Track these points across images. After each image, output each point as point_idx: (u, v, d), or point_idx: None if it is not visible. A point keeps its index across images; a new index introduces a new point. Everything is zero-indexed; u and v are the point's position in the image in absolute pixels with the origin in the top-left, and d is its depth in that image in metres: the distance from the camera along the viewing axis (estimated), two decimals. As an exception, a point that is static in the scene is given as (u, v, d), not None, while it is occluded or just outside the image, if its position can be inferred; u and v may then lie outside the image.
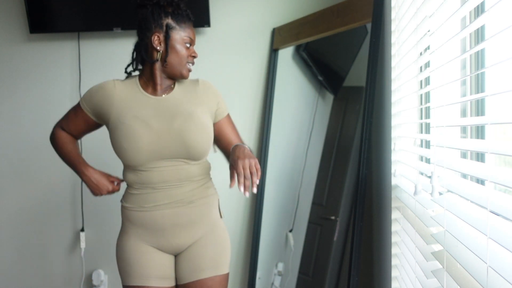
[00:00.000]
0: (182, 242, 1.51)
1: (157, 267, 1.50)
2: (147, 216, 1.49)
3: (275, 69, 2.46)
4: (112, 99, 1.49)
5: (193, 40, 1.51)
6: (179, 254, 1.53)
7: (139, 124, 1.44)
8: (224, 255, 1.56)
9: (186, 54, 1.49)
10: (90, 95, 1.54)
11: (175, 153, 1.46)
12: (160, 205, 1.48)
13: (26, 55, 2.55)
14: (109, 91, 1.50)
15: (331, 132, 2.19)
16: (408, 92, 1.51)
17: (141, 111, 1.47)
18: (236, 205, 2.55)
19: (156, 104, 1.49)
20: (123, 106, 1.48)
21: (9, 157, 2.59)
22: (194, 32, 1.52)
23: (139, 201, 1.49)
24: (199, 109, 1.51)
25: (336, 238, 2.01)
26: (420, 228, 1.27)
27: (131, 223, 1.52)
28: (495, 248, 0.82)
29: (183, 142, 1.45)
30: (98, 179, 1.59)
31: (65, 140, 1.63)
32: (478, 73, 1.14)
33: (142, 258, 1.50)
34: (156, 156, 1.45)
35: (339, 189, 2.07)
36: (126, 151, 1.44)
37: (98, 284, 2.55)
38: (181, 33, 1.48)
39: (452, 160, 1.08)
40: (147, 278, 1.49)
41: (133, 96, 1.50)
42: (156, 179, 1.47)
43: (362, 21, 1.89)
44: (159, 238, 1.50)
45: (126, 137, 1.43)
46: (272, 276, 2.39)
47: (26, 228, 2.61)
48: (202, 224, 1.53)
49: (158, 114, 1.47)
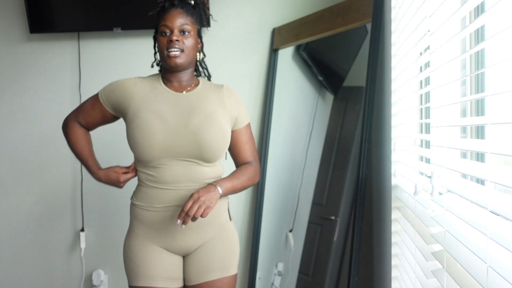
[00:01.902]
0: (191, 243, 1.50)
1: (165, 267, 1.49)
2: (157, 216, 1.48)
3: (275, 69, 2.46)
4: (132, 96, 1.49)
5: (171, 26, 1.45)
6: (188, 256, 1.53)
7: (155, 118, 1.44)
8: (233, 256, 1.55)
9: (164, 43, 1.46)
10: (110, 89, 1.54)
11: (188, 152, 1.44)
12: (170, 207, 1.47)
13: (26, 55, 2.55)
14: (130, 88, 1.50)
15: (331, 132, 2.19)
16: (408, 92, 1.51)
17: (158, 106, 1.46)
18: (236, 205, 2.55)
19: (176, 100, 1.49)
20: (142, 101, 1.48)
21: (9, 157, 2.59)
22: (175, 18, 1.46)
23: (149, 200, 1.48)
24: (219, 111, 1.50)
25: (336, 238, 2.01)
26: (420, 228, 1.27)
27: (140, 222, 1.51)
28: (495, 248, 0.82)
29: (197, 141, 1.43)
30: (106, 179, 1.58)
31: (79, 137, 1.62)
32: (478, 73, 1.14)
33: (150, 258, 1.49)
34: (169, 154, 1.44)
35: (339, 189, 2.07)
36: (139, 145, 1.43)
37: (98, 284, 2.55)
38: (160, 23, 1.48)
39: (452, 160, 1.08)
40: (155, 279, 1.48)
41: (153, 91, 1.50)
42: (167, 177, 1.46)
43: (362, 21, 1.89)
44: (167, 239, 1.49)
45: (141, 131, 1.43)
46: (272, 276, 2.39)
47: (26, 228, 2.61)
48: (211, 227, 1.52)
49: (176, 110, 1.47)
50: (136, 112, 1.46)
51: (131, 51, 2.50)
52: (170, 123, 1.44)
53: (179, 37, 1.45)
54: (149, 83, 1.53)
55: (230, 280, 1.53)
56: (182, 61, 1.46)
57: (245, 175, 1.54)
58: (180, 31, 1.46)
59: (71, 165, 2.55)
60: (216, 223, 1.53)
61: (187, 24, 1.47)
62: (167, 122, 1.44)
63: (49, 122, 2.56)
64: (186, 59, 1.47)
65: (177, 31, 1.46)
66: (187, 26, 1.47)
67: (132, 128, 1.45)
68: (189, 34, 1.47)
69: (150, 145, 1.42)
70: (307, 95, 2.38)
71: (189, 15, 1.49)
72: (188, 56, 1.48)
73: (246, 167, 1.58)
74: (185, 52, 1.46)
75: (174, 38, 1.43)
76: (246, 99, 2.52)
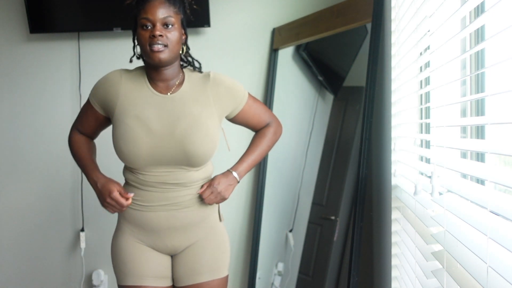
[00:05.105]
0: (178, 244, 1.48)
1: (153, 266, 1.47)
2: (142, 216, 1.45)
3: (275, 69, 2.46)
4: (118, 90, 1.42)
5: (153, 20, 1.32)
6: (176, 255, 1.50)
7: (140, 127, 1.38)
8: (222, 258, 1.52)
9: (145, 37, 1.33)
10: (96, 87, 1.47)
11: (175, 160, 1.40)
12: (155, 206, 1.44)
13: (26, 55, 2.55)
14: (115, 82, 1.43)
15: (331, 132, 2.19)
16: (408, 92, 1.51)
17: (144, 111, 1.39)
18: (236, 205, 2.55)
19: (161, 103, 1.41)
20: (127, 102, 1.41)
21: (9, 157, 2.59)
22: (156, 9, 1.33)
23: (135, 197, 1.45)
24: (206, 111, 1.42)
25: (336, 238, 2.01)
26: (420, 228, 1.27)
27: (126, 221, 1.48)
28: (495, 248, 0.82)
29: (183, 150, 1.38)
30: (104, 183, 1.42)
31: (80, 145, 1.55)
32: (478, 73, 1.14)
33: (137, 257, 1.46)
34: (155, 162, 1.40)
35: (339, 189, 2.07)
36: (124, 154, 1.39)
37: (98, 284, 2.55)
38: (140, 16, 1.34)
39: (452, 160, 1.08)
40: (142, 278, 1.45)
41: (138, 91, 1.42)
42: (154, 181, 1.42)
43: (362, 21, 1.89)
44: (154, 239, 1.47)
45: (125, 140, 1.37)
46: (272, 276, 2.39)
47: (26, 228, 2.61)
48: (199, 228, 1.49)
49: (161, 116, 1.40)
50: (121, 116, 1.40)
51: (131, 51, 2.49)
52: (155, 132, 1.38)
53: (162, 31, 1.32)
54: (134, 79, 1.44)
55: (219, 282, 1.50)
56: (166, 56, 1.34)
57: (263, 142, 1.58)
58: (163, 24, 1.33)
59: (71, 165, 2.55)
60: (204, 225, 1.50)
61: (171, 16, 1.34)
62: (152, 131, 1.38)
63: (49, 122, 2.56)
64: (170, 54, 1.35)
65: (160, 24, 1.33)
66: (170, 19, 1.34)
67: (117, 134, 1.39)
68: (173, 27, 1.35)
69: (135, 154, 1.38)
70: (307, 95, 2.38)
71: (172, 4, 1.36)
72: (172, 51, 1.36)
73: (263, 133, 1.59)
74: (169, 47, 1.34)
75: (157, 33, 1.31)
76: (246, 99, 2.52)
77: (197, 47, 2.52)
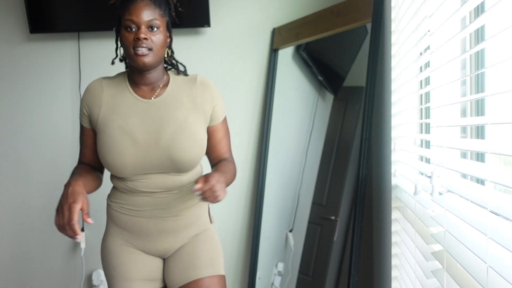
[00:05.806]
0: (168, 246, 1.45)
1: (142, 269, 1.44)
2: (131, 220, 1.43)
3: (275, 69, 2.46)
4: (99, 103, 1.39)
5: (137, 22, 1.29)
6: (168, 258, 1.47)
7: (124, 136, 1.34)
8: (217, 257, 1.47)
9: (130, 40, 1.30)
10: (81, 102, 1.43)
11: (163, 167, 1.37)
12: (144, 211, 1.41)
13: (26, 55, 2.55)
14: (96, 91, 1.40)
15: (331, 132, 2.19)
16: (408, 92, 1.51)
17: (127, 120, 1.36)
18: (236, 205, 2.55)
19: (145, 109, 1.37)
20: (110, 111, 1.37)
21: (9, 157, 2.58)
22: (141, 11, 1.29)
23: (124, 202, 1.43)
24: (192, 115, 1.38)
25: (336, 238, 2.01)
26: (420, 228, 1.27)
27: (115, 224, 1.46)
28: (495, 248, 0.82)
29: (170, 157, 1.34)
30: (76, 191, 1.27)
31: (75, 169, 1.44)
32: (478, 73, 1.14)
33: (126, 260, 1.43)
34: (141, 171, 1.37)
35: (339, 189, 2.07)
36: (109, 164, 1.36)
37: (98, 284, 2.55)
38: (124, 17, 1.31)
39: (452, 160, 1.08)
40: (132, 281, 1.43)
41: (121, 98, 1.39)
42: (142, 188, 1.39)
43: (362, 21, 1.89)
44: (144, 242, 1.44)
45: (111, 151, 1.34)
46: (272, 276, 2.39)
47: (26, 228, 2.60)
48: (190, 230, 1.46)
49: (146, 123, 1.36)
50: (104, 126, 1.36)
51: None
52: (140, 141, 1.34)
53: (147, 34, 1.29)
54: (116, 85, 1.41)
55: (220, 279, 1.44)
56: (151, 60, 1.31)
57: (229, 172, 1.42)
58: (148, 27, 1.30)
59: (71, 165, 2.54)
60: (195, 227, 1.47)
61: (156, 19, 1.31)
62: (137, 141, 1.34)
63: (49, 122, 2.56)
64: (155, 58, 1.32)
65: (145, 27, 1.30)
66: (156, 21, 1.31)
67: (101, 146, 1.36)
68: (158, 30, 1.31)
69: (121, 165, 1.34)
70: (307, 95, 2.38)
71: (157, 7, 1.33)
72: (157, 55, 1.33)
73: (227, 164, 1.46)
74: (154, 51, 1.31)
75: (142, 36, 1.28)
76: (246, 99, 2.52)
77: (197, 47, 2.54)
